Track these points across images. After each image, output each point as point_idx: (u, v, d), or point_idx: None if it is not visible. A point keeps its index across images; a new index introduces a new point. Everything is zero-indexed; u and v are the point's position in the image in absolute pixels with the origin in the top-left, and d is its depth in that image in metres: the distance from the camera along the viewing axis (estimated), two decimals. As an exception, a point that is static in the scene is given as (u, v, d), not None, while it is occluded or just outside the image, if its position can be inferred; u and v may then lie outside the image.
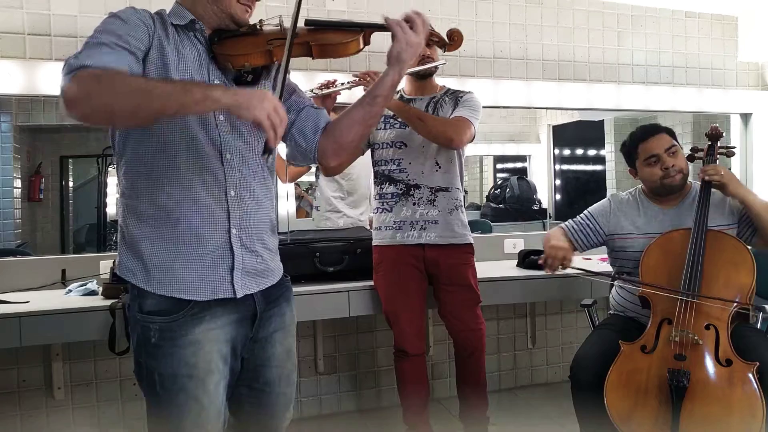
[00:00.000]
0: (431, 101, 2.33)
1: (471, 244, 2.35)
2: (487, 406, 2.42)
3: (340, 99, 2.36)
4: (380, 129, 2.35)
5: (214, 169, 1.28)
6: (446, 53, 2.06)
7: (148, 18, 1.26)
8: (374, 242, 2.38)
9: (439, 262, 2.29)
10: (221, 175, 1.29)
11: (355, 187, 3.03)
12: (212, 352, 1.28)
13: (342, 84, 2.14)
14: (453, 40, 1.95)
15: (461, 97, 2.33)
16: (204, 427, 1.27)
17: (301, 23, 1.34)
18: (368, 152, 2.43)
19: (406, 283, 2.30)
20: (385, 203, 2.34)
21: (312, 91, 2.15)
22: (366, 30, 1.36)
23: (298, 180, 3.23)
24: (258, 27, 1.35)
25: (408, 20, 1.33)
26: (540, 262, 2.03)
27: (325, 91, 2.14)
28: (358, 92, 2.25)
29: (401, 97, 2.37)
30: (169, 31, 1.28)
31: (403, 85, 2.40)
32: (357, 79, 2.23)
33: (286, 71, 1.30)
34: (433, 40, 1.87)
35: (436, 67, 2.30)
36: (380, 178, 2.36)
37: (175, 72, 1.25)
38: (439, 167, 2.29)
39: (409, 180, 2.30)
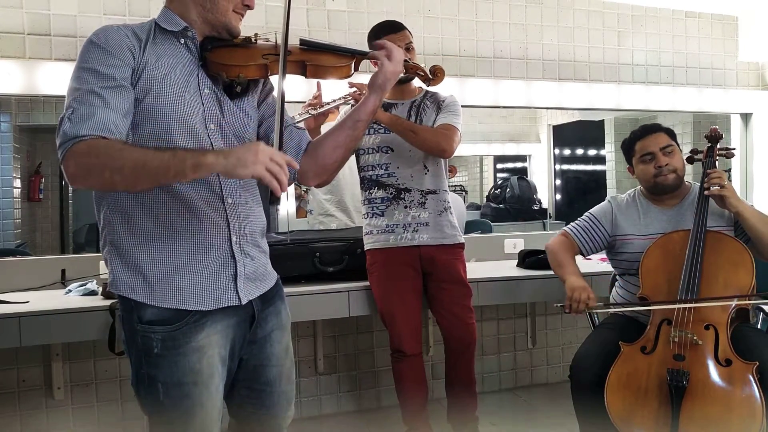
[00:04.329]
0: (413, 105, 2.32)
1: (462, 243, 2.36)
2: (476, 406, 2.42)
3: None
4: (364, 134, 2.33)
5: (208, 178, 1.26)
6: (429, 87, 2.08)
7: (129, 36, 1.23)
8: (366, 246, 2.37)
9: (435, 258, 2.29)
10: (216, 183, 1.28)
11: (343, 191, 3.00)
12: (214, 356, 1.28)
13: (333, 101, 2.14)
14: (435, 75, 2.00)
15: (443, 101, 2.32)
16: (209, 430, 1.28)
17: (296, 41, 1.35)
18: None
19: (401, 282, 2.29)
20: (375, 208, 2.33)
21: (308, 111, 2.13)
22: (357, 56, 1.42)
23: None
24: (252, 40, 1.34)
25: (388, 51, 1.41)
26: (567, 310, 1.96)
27: (320, 110, 2.13)
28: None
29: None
30: (155, 40, 1.26)
31: None
32: (350, 93, 2.18)
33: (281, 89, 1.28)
34: (419, 74, 1.90)
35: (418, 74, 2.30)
36: (368, 183, 2.34)
37: (162, 86, 1.23)
38: (428, 170, 2.30)
39: (399, 184, 2.29)
